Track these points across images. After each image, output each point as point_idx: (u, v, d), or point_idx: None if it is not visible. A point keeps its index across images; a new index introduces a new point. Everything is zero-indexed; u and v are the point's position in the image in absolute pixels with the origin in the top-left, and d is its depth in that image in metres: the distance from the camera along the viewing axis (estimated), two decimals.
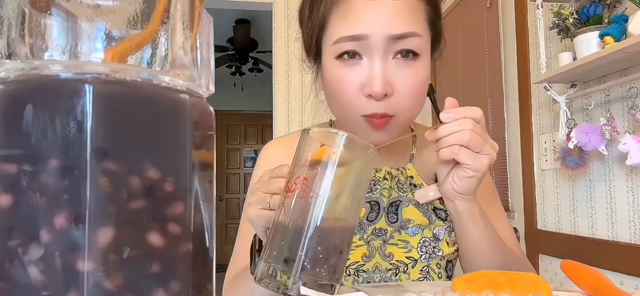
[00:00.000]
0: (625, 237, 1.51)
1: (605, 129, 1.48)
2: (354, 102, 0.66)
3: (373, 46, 0.64)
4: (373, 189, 0.76)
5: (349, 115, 0.68)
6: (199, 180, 0.28)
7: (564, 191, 1.78)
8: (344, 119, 0.71)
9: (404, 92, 0.65)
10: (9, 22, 0.25)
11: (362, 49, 0.65)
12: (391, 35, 0.64)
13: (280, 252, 0.44)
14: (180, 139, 0.27)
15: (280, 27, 3.01)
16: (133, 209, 0.24)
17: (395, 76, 0.65)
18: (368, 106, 0.65)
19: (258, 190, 0.56)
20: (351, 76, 0.66)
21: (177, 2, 0.27)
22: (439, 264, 0.75)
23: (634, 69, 1.44)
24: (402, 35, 0.64)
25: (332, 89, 0.69)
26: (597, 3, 1.47)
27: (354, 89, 0.66)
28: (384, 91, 0.63)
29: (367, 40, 0.64)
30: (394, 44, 0.64)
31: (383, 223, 0.75)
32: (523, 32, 1.97)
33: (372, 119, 0.66)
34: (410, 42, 0.65)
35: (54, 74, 0.25)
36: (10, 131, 0.24)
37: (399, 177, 0.77)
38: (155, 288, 0.25)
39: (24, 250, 0.23)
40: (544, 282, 0.50)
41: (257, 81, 6.02)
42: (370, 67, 0.65)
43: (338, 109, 0.71)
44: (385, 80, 0.64)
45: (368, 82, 0.64)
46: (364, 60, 0.65)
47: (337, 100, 0.69)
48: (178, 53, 0.27)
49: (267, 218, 0.53)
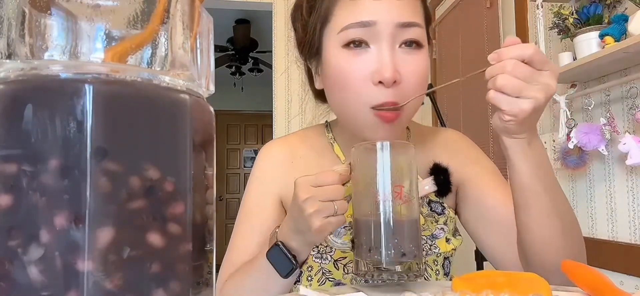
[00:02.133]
0: (625, 237, 1.51)
1: (605, 129, 1.48)
2: (363, 91, 0.65)
3: (382, 33, 0.64)
4: None
5: (357, 107, 0.66)
6: (199, 180, 0.28)
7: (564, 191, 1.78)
8: (349, 113, 0.68)
9: (412, 80, 0.65)
10: (9, 22, 0.25)
11: (370, 37, 0.65)
12: (400, 22, 0.64)
13: (397, 248, 0.54)
14: (180, 139, 0.27)
15: (280, 27, 3.01)
16: (133, 209, 0.24)
17: (402, 64, 0.65)
18: (378, 94, 0.64)
19: (313, 199, 0.58)
20: (359, 64, 0.65)
21: (177, 2, 0.27)
22: (436, 261, 0.76)
23: (634, 69, 1.44)
24: (410, 23, 0.65)
25: (337, 80, 0.67)
26: (597, 3, 1.47)
27: (362, 78, 0.65)
28: (394, 77, 0.63)
29: (375, 27, 0.64)
30: (401, 32, 0.65)
31: None
32: (523, 32, 1.97)
33: (383, 114, 0.65)
34: (415, 31, 0.66)
35: (54, 74, 0.25)
36: (10, 131, 0.24)
37: None
38: (155, 288, 0.25)
39: (24, 250, 0.23)
40: (543, 282, 0.50)
41: (257, 80, 6.02)
42: (380, 54, 0.64)
43: (344, 102, 0.68)
44: (395, 67, 0.64)
45: (378, 69, 0.63)
46: (371, 48, 0.65)
47: (344, 91, 0.67)
48: (178, 53, 0.27)
49: (336, 224, 0.59)
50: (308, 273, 0.75)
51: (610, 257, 1.53)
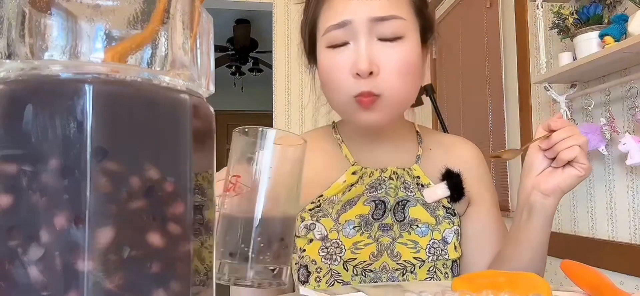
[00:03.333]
0: (625, 237, 1.51)
1: (605, 129, 1.48)
2: (344, 84, 0.70)
3: (357, 30, 0.69)
4: (378, 188, 0.77)
5: (341, 98, 0.72)
6: (199, 180, 0.28)
7: None
8: (338, 104, 0.75)
9: (389, 70, 0.69)
10: (9, 22, 0.25)
11: (349, 35, 0.70)
12: (372, 17, 0.68)
13: (226, 247, 0.47)
14: (180, 139, 0.27)
15: (280, 27, 3.01)
16: (133, 209, 0.24)
17: (380, 56, 0.69)
18: (356, 85, 0.69)
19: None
20: (340, 61, 0.70)
21: (177, 2, 0.27)
22: (446, 264, 0.76)
23: (633, 69, 1.44)
24: (384, 17, 0.69)
25: (325, 77, 0.73)
26: (597, 3, 1.47)
27: (344, 71, 0.70)
28: (368, 69, 0.68)
29: (351, 25, 0.69)
30: (377, 26, 0.69)
31: (389, 220, 0.76)
32: (523, 32, 1.97)
33: (360, 99, 0.70)
34: (392, 24, 0.69)
35: (54, 74, 0.25)
36: (10, 131, 0.24)
37: (405, 177, 0.78)
38: (155, 288, 0.25)
39: (24, 250, 0.23)
40: (543, 282, 0.50)
41: (257, 80, 6.02)
42: (356, 48, 0.69)
43: (332, 96, 0.74)
44: (370, 58, 0.68)
45: (354, 62, 0.69)
46: (351, 45, 0.70)
47: (330, 86, 0.73)
48: (178, 53, 0.27)
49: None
50: (317, 275, 0.75)
51: (610, 257, 1.53)
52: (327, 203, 0.76)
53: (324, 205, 0.75)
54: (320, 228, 0.74)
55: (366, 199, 0.75)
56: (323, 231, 0.74)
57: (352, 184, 0.76)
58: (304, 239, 0.75)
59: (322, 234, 0.74)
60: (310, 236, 0.74)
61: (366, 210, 0.75)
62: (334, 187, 0.76)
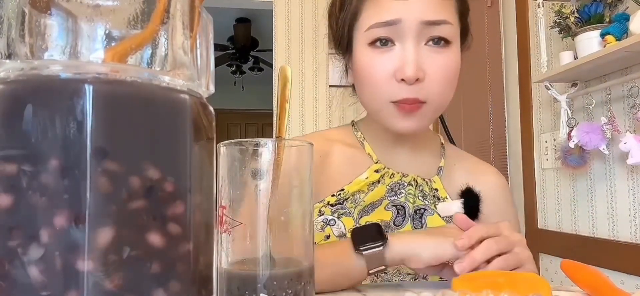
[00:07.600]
0: (626, 236, 1.51)
1: (606, 128, 1.48)
2: (384, 88, 0.67)
3: (406, 31, 0.65)
4: (398, 193, 0.76)
5: (378, 100, 0.69)
6: (199, 180, 0.28)
7: (565, 191, 1.78)
8: (372, 105, 0.72)
9: (436, 78, 0.66)
10: (9, 22, 0.25)
11: (395, 35, 0.66)
12: (424, 20, 0.65)
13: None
14: (180, 139, 0.27)
15: (281, 25, 3.00)
16: (133, 209, 0.24)
17: (427, 62, 0.66)
18: (399, 91, 0.66)
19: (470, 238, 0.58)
20: (383, 62, 0.67)
21: (177, 2, 0.27)
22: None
23: (635, 68, 1.44)
24: (435, 21, 0.66)
25: (362, 76, 0.70)
26: (598, 2, 1.47)
27: (386, 75, 0.67)
28: (416, 75, 0.64)
29: (400, 25, 0.65)
30: (427, 30, 0.66)
31: (408, 227, 0.75)
32: (524, 31, 1.97)
33: (402, 105, 0.66)
34: (442, 29, 0.66)
35: (54, 74, 0.25)
36: (10, 131, 0.24)
37: (423, 187, 0.77)
38: (155, 288, 0.25)
39: (24, 250, 0.23)
40: (544, 282, 0.50)
41: (257, 79, 6.01)
42: (403, 52, 0.66)
43: (367, 96, 0.71)
44: (418, 64, 0.65)
45: (400, 67, 0.65)
46: (396, 46, 0.67)
47: (367, 87, 0.69)
48: (178, 53, 0.27)
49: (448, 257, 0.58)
50: None
51: (610, 257, 1.53)
52: (349, 201, 0.75)
53: (346, 203, 0.75)
54: (340, 226, 0.73)
55: (388, 204, 0.75)
56: (343, 229, 0.73)
57: (373, 182, 0.75)
58: (321, 234, 0.74)
59: (340, 232, 0.73)
60: (328, 232, 0.73)
61: (388, 216, 0.74)
62: (356, 182, 0.75)
